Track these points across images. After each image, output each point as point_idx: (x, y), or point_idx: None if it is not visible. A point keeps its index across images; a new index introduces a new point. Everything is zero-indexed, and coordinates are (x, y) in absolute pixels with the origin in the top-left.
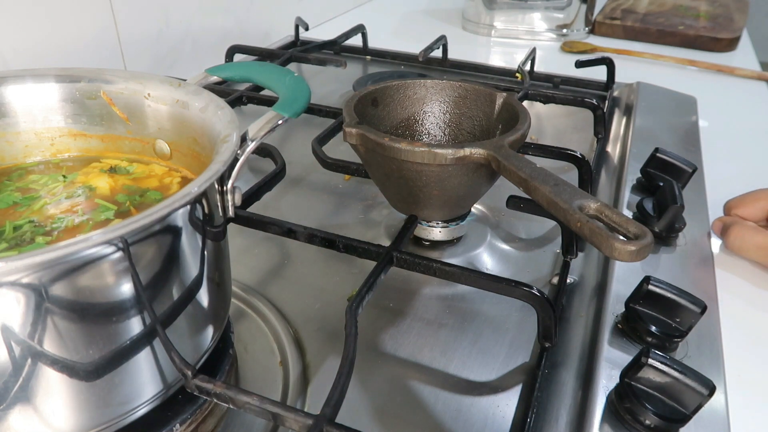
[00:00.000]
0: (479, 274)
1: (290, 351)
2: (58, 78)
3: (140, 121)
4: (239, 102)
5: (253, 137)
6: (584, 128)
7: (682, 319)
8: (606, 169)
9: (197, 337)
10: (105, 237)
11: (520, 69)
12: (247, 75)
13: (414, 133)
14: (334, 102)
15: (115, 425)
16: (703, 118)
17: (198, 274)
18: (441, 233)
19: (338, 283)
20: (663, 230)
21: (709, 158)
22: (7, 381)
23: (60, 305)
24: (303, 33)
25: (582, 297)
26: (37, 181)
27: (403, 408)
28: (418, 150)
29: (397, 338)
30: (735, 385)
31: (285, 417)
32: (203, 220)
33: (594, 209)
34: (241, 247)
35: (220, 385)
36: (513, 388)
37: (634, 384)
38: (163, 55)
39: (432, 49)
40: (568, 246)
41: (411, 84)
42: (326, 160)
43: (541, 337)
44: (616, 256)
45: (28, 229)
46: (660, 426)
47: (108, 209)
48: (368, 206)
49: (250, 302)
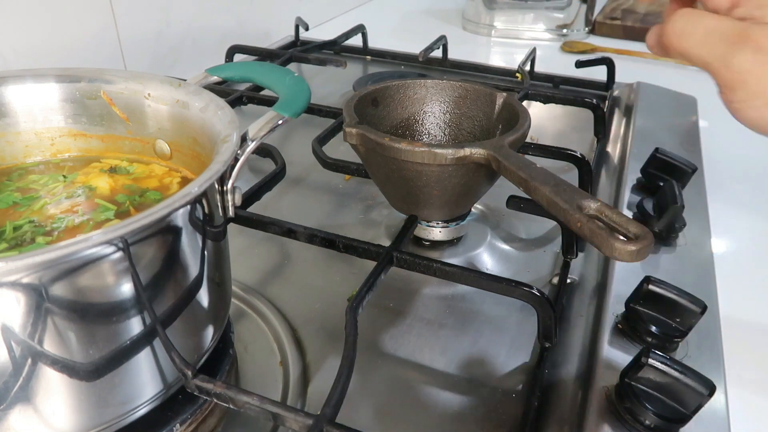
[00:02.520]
0: (479, 274)
1: (290, 351)
2: (58, 78)
3: (140, 121)
4: (239, 102)
5: (253, 137)
6: (584, 128)
7: (682, 319)
8: (606, 169)
9: (197, 337)
10: (105, 237)
11: (520, 69)
12: (247, 75)
13: (414, 133)
14: (334, 102)
15: (115, 425)
16: (703, 118)
17: (198, 274)
18: (441, 233)
19: (338, 283)
20: (663, 230)
21: (709, 158)
22: (8, 381)
23: (60, 305)
24: (303, 33)
25: (582, 297)
26: (37, 181)
27: (403, 408)
28: (418, 150)
29: (397, 338)
30: (735, 385)
31: (285, 417)
32: (203, 220)
33: (594, 209)
34: (241, 247)
35: (220, 385)
36: (513, 388)
37: (634, 384)
38: (163, 55)
39: (432, 49)
40: (568, 246)
41: (411, 84)
42: (326, 160)
43: (541, 337)
44: (616, 256)
45: (29, 229)
46: (660, 426)
47: (108, 209)
48: (368, 206)
49: (250, 302)
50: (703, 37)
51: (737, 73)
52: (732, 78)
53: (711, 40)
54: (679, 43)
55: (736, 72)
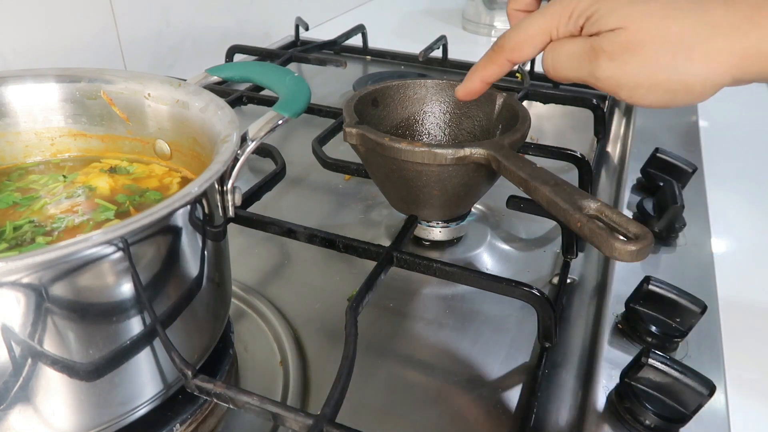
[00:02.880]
0: (479, 274)
1: (290, 351)
2: (58, 78)
3: (140, 121)
4: (239, 102)
5: (253, 137)
6: (584, 128)
7: (682, 319)
8: (606, 169)
9: (197, 337)
10: (105, 237)
11: (520, 69)
12: (247, 75)
13: (414, 133)
14: (334, 102)
15: (115, 425)
16: (703, 118)
17: (198, 274)
18: (441, 233)
19: (338, 283)
20: (663, 230)
21: (709, 158)
22: (8, 381)
23: (60, 305)
24: (303, 33)
25: (582, 297)
26: (37, 181)
27: (403, 408)
28: (418, 150)
29: (397, 338)
30: (735, 385)
31: (285, 417)
32: (203, 220)
33: (594, 209)
34: (241, 247)
35: (220, 385)
36: (513, 388)
37: (634, 384)
38: (163, 55)
39: (432, 49)
40: (568, 246)
41: (411, 84)
42: (326, 160)
43: (541, 337)
44: (617, 256)
45: (29, 229)
46: (660, 426)
47: (108, 209)
48: (368, 206)
49: (250, 302)
50: (568, 62)
51: (606, 79)
52: (607, 85)
53: (575, 64)
54: (555, 73)
55: (606, 79)
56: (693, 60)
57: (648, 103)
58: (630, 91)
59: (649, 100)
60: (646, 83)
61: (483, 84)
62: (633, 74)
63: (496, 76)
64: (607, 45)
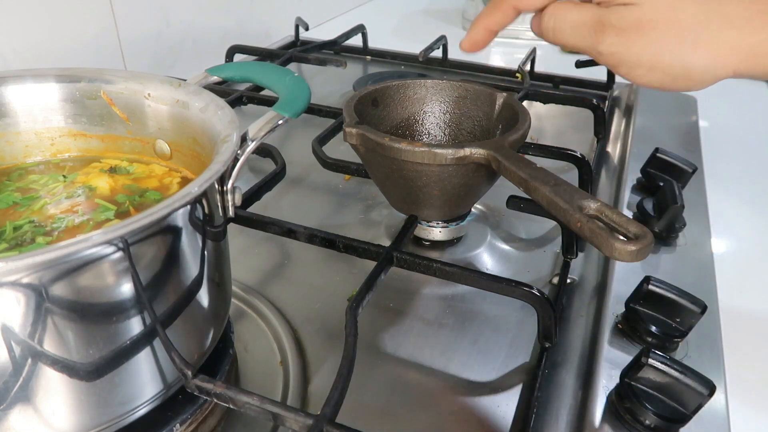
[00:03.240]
0: (479, 274)
1: (290, 351)
2: (58, 78)
3: (140, 121)
4: (239, 102)
5: (253, 137)
6: (584, 128)
7: (682, 319)
8: (606, 169)
9: (197, 337)
10: (105, 237)
11: (520, 69)
12: (247, 75)
13: (414, 133)
14: (334, 102)
15: (115, 425)
16: (703, 118)
17: (198, 275)
18: (441, 233)
19: (338, 283)
20: (663, 230)
21: (709, 158)
22: (8, 381)
23: (60, 305)
24: (303, 33)
25: (582, 297)
26: (37, 181)
27: (403, 408)
28: (418, 150)
29: (397, 338)
30: (735, 385)
31: (285, 417)
32: (203, 220)
33: (594, 209)
34: (241, 247)
35: (220, 385)
36: (513, 388)
37: (634, 384)
38: (163, 55)
39: (432, 49)
40: (568, 246)
41: (411, 84)
42: (326, 160)
43: (542, 337)
44: (617, 256)
45: (29, 229)
46: (660, 426)
47: (108, 209)
48: (368, 206)
49: (250, 302)
50: (571, 31)
51: (609, 54)
52: (608, 60)
53: (578, 33)
54: (554, 38)
55: (608, 54)
56: (698, 48)
57: (644, 82)
58: (629, 68)
59: (647, 80)
60: (648, 64)
61: (487, 32)
62: (636, 53)
63: (501, 24)
64: (616, 20)
